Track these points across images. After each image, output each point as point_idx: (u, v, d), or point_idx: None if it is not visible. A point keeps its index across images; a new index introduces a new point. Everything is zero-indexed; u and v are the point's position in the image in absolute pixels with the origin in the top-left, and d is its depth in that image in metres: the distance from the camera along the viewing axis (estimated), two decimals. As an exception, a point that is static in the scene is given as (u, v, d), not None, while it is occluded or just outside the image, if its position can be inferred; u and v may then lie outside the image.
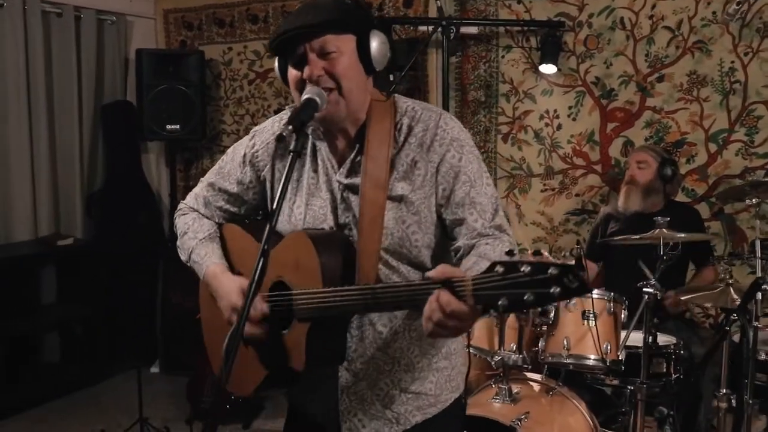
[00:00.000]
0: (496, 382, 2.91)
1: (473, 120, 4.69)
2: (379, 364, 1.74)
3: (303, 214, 1.74)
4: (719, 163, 4.13)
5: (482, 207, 1.67)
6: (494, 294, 1.26)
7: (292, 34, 1.62)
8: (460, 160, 1.68)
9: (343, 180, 1.72)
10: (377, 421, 1.77)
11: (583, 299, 2.89)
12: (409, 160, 1.69)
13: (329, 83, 1.62)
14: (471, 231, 1.65)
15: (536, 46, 4.44)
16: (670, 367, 3.04)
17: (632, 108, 4.30)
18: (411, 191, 1.68)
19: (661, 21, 4.16)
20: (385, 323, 1.73)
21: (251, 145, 1.86)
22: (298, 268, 1.65)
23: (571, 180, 4.51)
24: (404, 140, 1.70)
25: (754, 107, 4.02)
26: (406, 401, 1.77)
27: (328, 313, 1.58)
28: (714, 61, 4.07)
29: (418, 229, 1.69)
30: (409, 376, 1.76)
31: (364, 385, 1.75)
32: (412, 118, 1.72)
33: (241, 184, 1.88)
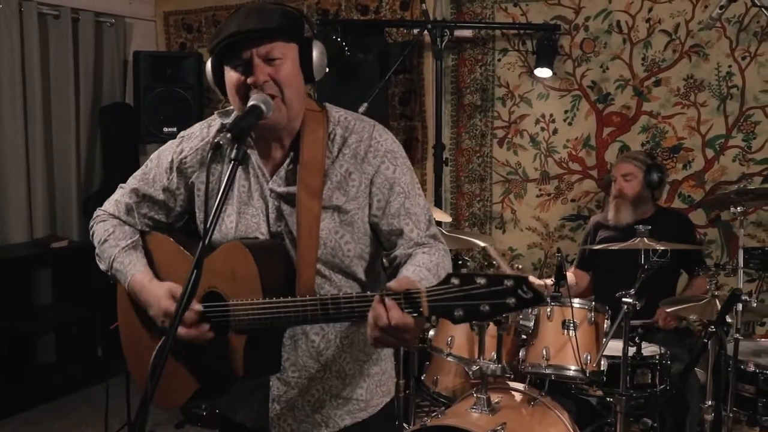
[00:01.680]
0: (477, 392, 2.87)
1: (469, 124, 4.65)
2: (311, 372, 1.74)
3: (234, 223, 1.72)
4: (716, 169, 4.06)
5: (417, 217, 1.70)
6: (450, 305, 1.32)
7: (242, 37, 1.59)
8: (394, 171, 1.70)
9: (277, 188, 1.70)
10: (306, 424, 1.76)
11: (564, 308, 2.84)
12: (344, 170, 1.69)
13: (273, 90, 1.60)
14: (408, 241, 1.68)
15: (532, 50, 4.39)
16: (655, 377, 2.98)
17: (628, 112, 4.24)
18: (345, 201, 1.68)
19: (658, 24, 4.10)
20: (318, 332, 1.72)
21: (179, 151, 1.81)
22: (234, 278, 1.62)
23: (566, 185, 4.45)
24: (338, 151, 1.70)
25: (751, 113, 3.95)
26: (336, 406, 1.77)
27: (272, 324, 1.56)
28: (711, 66, 4.01)
29: (351, 239, 1.69)
30: (340, 382, 1.77)
31: (295, 393, 1.75)
32: (345, 129, 1.72)
33: (167, 191, 1.82)
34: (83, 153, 5.13)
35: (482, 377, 2.81)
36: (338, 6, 4.94)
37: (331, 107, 1.76)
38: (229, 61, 1.64)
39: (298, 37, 1.64)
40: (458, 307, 1.30)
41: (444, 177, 4.52)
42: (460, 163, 4.72)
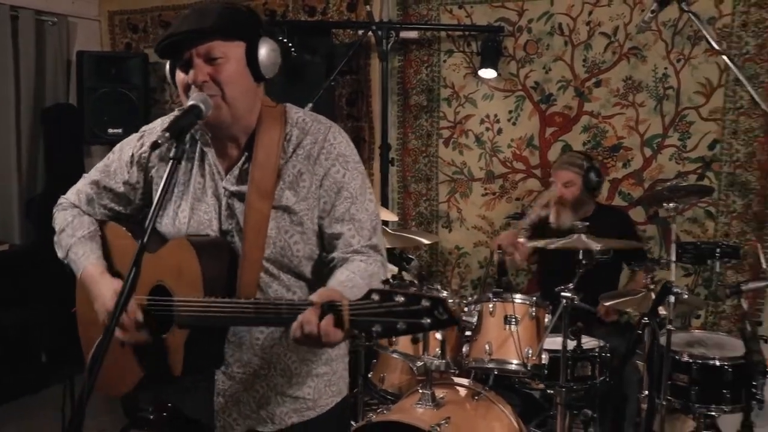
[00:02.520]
0: (422, 388, 2.91)
1: (415, 124, 4.70)
2: (255, 369, 1.75)
3: (187, 218, 1.74)
4: (654, 168, 4.18)
5: (361, 224, 1.71)
6: (369, 321, 1.34)
7: (178, 38, 1.61)
8: (344, 176, 1.71)
9: (230, 187, 1.72)
10: (251, 420, 1.78)
11: (506, 304, 2.90)
12: (296, 171, 1.70)
13: (213, 89, 1.61)
14: (347, 246, 1.69)
15: (477, 51, 4.46)
16: (595, 370, 3.07)
17: (570, 113, 4.34)
18: (296, 202, 1.69)
19: (597, 27, 4.21)
20: (263, 330, 1.73)
21: (139, 145, 1.83)
22: (179, 274, 1.64)
23: (511, 184, 4.54)
24: (293, 151, 1.71)
25: (686, 113, 4.08)
26: (282, 404, 1.78)
27: (207, 323, 1.58)
28: (648, 67, 4.13)
29: (300, 240, 1.70)
30: (286, 380, 1.77)
31: (240, 388, 1.76)
32: (301, 130, 1.73)
33: (127, 184, 1.86)
34: (24, 155, 5.03)
35: (427, 373, 2.85)
36: (285, 7, 4.95)
37: (291, 107, 1.78)
38: (175, 62, 1.66)
39: (244, 36, 1.64)
40: (377, 323, 1.33)
41: (390, 177, 4.56)
42: (407, 163, 4.77)
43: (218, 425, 1.78)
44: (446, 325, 1.32)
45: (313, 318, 1.40)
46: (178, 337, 1.63)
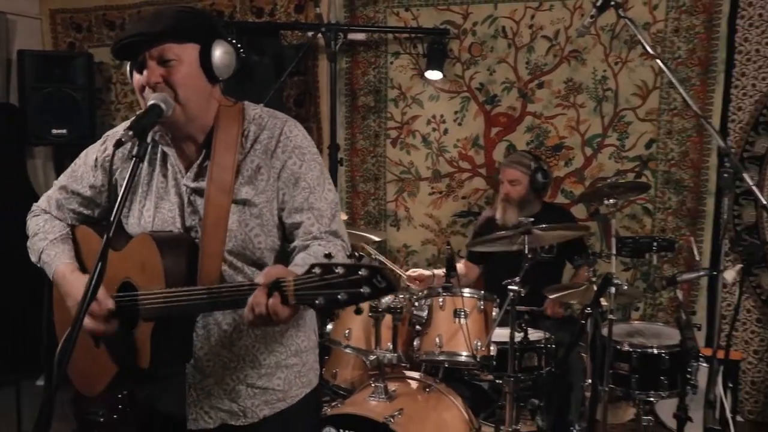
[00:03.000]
0: (375, 381, 2.97)
1: (363, 125, 4.77)
2: (225, 362, 1.79)
3: (152, 217, 1.78)
4: (594, 166, 4.35)
5: (320, 212, 1.75)
6: (312, 294, 1.37)
7: (130, 41, 1.65)
8: (300, 167, 1.76)
9: (190, 184, 1.77)
10: (224, 413, 1.81)
11: (455, 298, 2.99)
12: (254, 165, 1.75)
13: (166, 91, 1.65)
14: (307, 234, 1.73)
15: (423, 53, 4.55)
16: (541, 360, 3.18)
17: (514, 113, 4.47)
18: (255, 195, 1.74)
19: (540, 31, 4.35)
20: (230, 322, 1.77)
21: (102, 149, 1.88)
22: (143, 269, 1.68)
23: (457, 183, 4.64)
24: (250, 146, 1.76)
25: (624, 114, 4.25)
26: (253, 395, 1.81)
27: (171, 313, 1.62)
28: (588, 70, 4.29)
29: (261, 232, 1.75)
30: (256, 372, 1.81)
31: (211, 381, 1.79)
32: (258, 125, 1.78)
33: (93, 187, 1.90)
34: (-37, 156, 4.92)
35: (379, 367, 2.92)
36: (233, 8, 4.96)
37: (248, 105, 1.82)
38: (134, 66, 1.70)
39: (197, 38, 1.68)
40: (319, 296, 1.36)
41: (339, 177, 4.62)
42: (355, 163, 4.83)
43: (191, 419, 1.80)
44: (385, 292, 1.35)
45: (261, 299, 1.45)
46: (145, 330, 1.67)
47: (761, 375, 4.11)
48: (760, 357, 4.10)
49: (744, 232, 4.07)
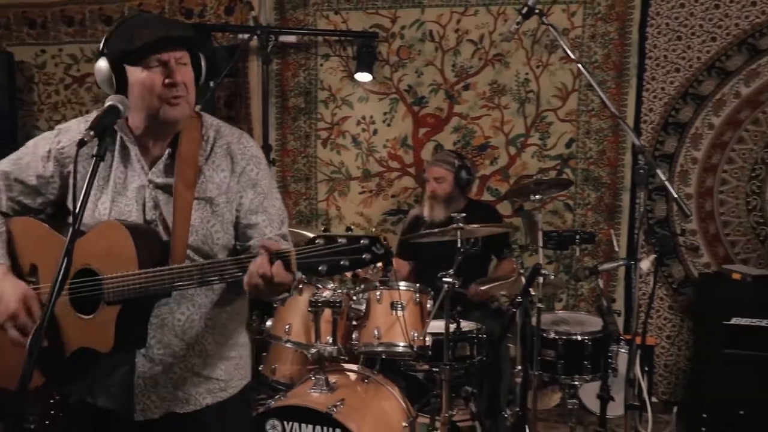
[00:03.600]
0: (315, 374, 3.06)
1: (294, 126, 4.84)
2: (175, 350, 1.86)
3: (108, 210, 1.83)
4: (518, 165, 4.55)
5: (272, 216, 1.92)
6: (316, 261, 1.56)
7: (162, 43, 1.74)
8: (257, 174, 1.92)
9: (156, 179, 1.85)
10: (168, 401, 1.88)
11: (392, 291, 3.11)
12: (216, 167, 1.89)
13: (182, 90, 1.78)
14: (261, 235, 1.88)
15: (353, 55, 4.66)
16: (473, 350, 3.33)
17: (441, 114, 4.63)
18: (217, 194, 1.87)
19: (465, 35, 4.52)
20: (184, 312, 1.85)
21: (57, 141, 1.90)
22: (109, 254, 1.74)
23: (387, 182, 4.77)
24: (211, 150, 1.90)
25: (545, 114, 4.47)
26: (197, 384, 1.91)
27: (149, 293, 1.71)
28: (512, 73, 4.49)
29: (220, 229, 1.87)
30: (202, 361, 1.90)
31: (159, 369, 1.86)
32: (217, 132, 1.92)
33: (41, 177, 1.90)
34: None
35: (320, 360, 3.01)
36: (161, 9, 4.94)
37: (204, 114, 1.96)
38: (142, 63, 1.75)
39: (191, 47, 1.83)
40: (322, 263, 1.55)
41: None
42: (286, 163, 4.90)
43: (138, 409, 1.85)
44: (384, 257, 1.55)
45: (266, 263, 1.59)
46: (109, 313, 1.74)
47: (673, 358, 4.40)
48: (672, 342, 4.39)
49: (656, 225, 4.35)
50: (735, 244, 4.29)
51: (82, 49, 5.12)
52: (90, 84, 5.12)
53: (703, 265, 4.34)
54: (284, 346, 3.29)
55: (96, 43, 5.01)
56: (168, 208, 1.83)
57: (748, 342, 3.78)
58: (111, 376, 1.86)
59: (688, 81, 4.24)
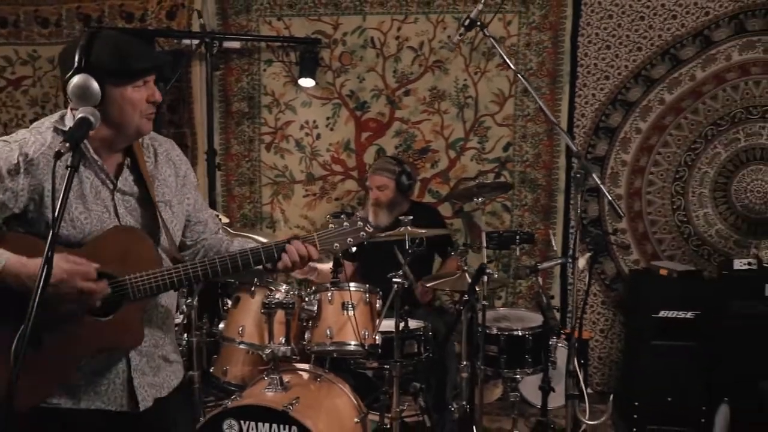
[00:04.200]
0: (268, 374, 3.13)
1: (237, 130, 4.88)
2: (156, 340, 2.02)
3: (88, 218, 1.89)
4: (458, 168, 4.71)
5: (210, 213, 2.22)
6: (332, 241, 2.03)
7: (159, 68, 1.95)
8: (193, 177, 2.16)
9: (123, 188, 1.95)
10: (153, 389, 2.01)
11: (343, 292, 3.20)
12: (164, 173, 2.05)
13: (153, 108, 1.93)
14: (211, 229, 2.17)
15: (296, 61, 4.74)
16: (420, 347, 3.46)
17: (383, 119, 4.76)
18: (172, 197, 2.05)
19: (405, 42, 4.66)
20: (164, 303, 2.02)
21: (24, 154, 1.86)
22: (126, 257, 1.87)
23: (330, 185, 4.86)
24: (155, 157, 2.05)
25: (483, 119, 4.64)
26: (167, 368, 2.06)
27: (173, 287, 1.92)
28: (451, 79, 4.64)
29: (179, 228, 2.08)
30: (170, 347, 2.09)
31: (144, 361, 1.98)
32: (153, 140, 2.08)
33: (9, 191, 1.86)
34: None
35: (274, 359, 3.08)
36: (101, 12, 4.91)
37: None
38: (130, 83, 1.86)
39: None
40: (336, 242, 2.02)
41: (216, 181, 4.71)
42: (230, 167, 4.94)
43: (140, 401, 1.95)
44: (374, 233, 2.06)
45: (301, 246, 1.98)
46: (134, 311, 1.89)
47: (606, 351, 4.64)
48: (605, 335, 4.62)
49: (589, 224, 4.58)
50: (662, 242, 4.56)
51: (17, 51, 5.03)
52: (26, 87, 5.04)
53: (632, 261, 4.59)
54: (236, 348, 3.34)
55: (31, 46, 4.97)
56: (137, 213, 1.96)
57: (674, 333, 4.02)
58: (105, 377, 1.93)
59: (617, 88, 4.48)
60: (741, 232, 4.47)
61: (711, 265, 4.44)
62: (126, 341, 1.91)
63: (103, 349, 1.89)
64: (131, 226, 1.93)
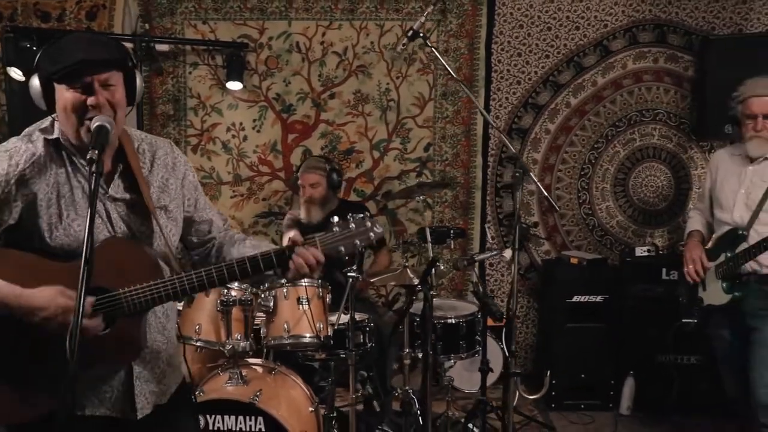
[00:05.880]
0: (225, 369, 3.25)
1: (163, 132, 4.90)
2: (158, 346, 2.02)
3: (81, 226, 1.88)
4: (381, 167, 4.95)
5: (215, 211, 2.22)
6: (336, 245, 1.89)
7: (84, 66, 1.80)
8: (194, 176, 2.16)
9: (116, 195, 1.95)
10: (155, 396, 2.03)
11: (297, 287, 3.36)
12: (161, 177, 2.04)
13: (108, 111, 1.84)
14: (219, 229, 2.18)
15: (222, 64, 4.82)
16: (365, 337, 3.66)
17: (309, 121, 4.92)
18: (169, 202, 2.04)
19: (330, 47, 4.84)
20: (162, 310, 2.02)
21: (14, 164, 1.88)
22: (123, 269, 1.84)
23: (257, 186, 4.98)
24: (151, 161, 2.03)
25: (405, 121, 4.91)
26: (170, 374, 2.09)
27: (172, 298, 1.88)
28: (374, 83, 4.87)
29: (176, 232, 2.08)
30: (173, 352, 2.11)
31: (148, 367, 2.00)
32: (149, 144, 2.06)
33: (2, 202, 1.87)
34: None
35: (234, 355, 3.21)
36: (13, 10, 4.80)
37: (126, 127, 2.02)
38: (66, 83, 1.81)
39: (123, 66, 1.89)
40: (341, 246, 1.87)
41: (143, 183, 4.72)
42: (154, 169, 4.94)
43: (139, 408, 1.97)
44: (381, 235, 1.93)
45: (307, 253, 1.88)
46: (130, 323, 1.86)
47: (522, 335, 5.02)
48: (521, 321, 5.00)
49: (505, 218, 4.94)
50: (570, 233, 4.98)
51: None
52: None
53: (544, 252, 4.99)
54: (188, 346, 3.43)
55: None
56: (129, 219, 1.95)
57: (585, 316, 4.43)
58: (106, 383, 1.95)
59: (528, 92, 4.86)
60: (638, 222, 4.97)
61: (614, 254, 4.91)
62: (124, 354, 1.89)
63: (102, 362, 1.88)
64: (123, 237, 1.91)
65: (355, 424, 3.38)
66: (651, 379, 4.35)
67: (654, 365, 4.35)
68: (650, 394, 4.35)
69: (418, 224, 4.92)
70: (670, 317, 3.62)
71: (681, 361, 4.29)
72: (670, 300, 3.75)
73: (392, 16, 4.78)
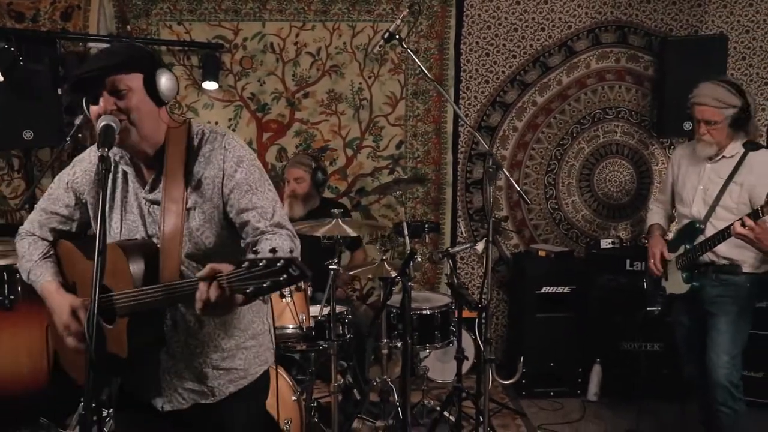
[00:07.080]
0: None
1: (140, 131, 4.95)
2: (191, 348, 2.07)
3: (119, 228, 2.04)
4: (355, 165, 5.07)
5: (263, 209, 2.00)
6: (243, 284, 1.60)
7: (87, 76, 1.90)
8: (241, 174, 2.00)
9: (148, 196, 2.02)
10: (195, 394, 2.09)
11: (280, 280, 3.46)
12: (200, 176, 2.00)
13: (120, 116, 1.90)
14: (255, 230, 1.99)
15: (198, 65, 4.89)
16: (344, 328, 3.79)
17: (284, 120, 5.03)
18: (203, 202, 2.00)
19: (304, 47, 4.95)
20: (193, 313, 2.00)
21: (72, 173, 2.15)
22: (114, 273, 1.92)
23: (234, 184, 5.05)
24: (195, 159, 2.02)
25: (377, 119, 5.04)
26: (218, 376, 2.10)
27: (141, 308, 1.89)
28: (347, 82, 4.99)
29: (211, 234, 2.02)
30: (218, 355, 2.09)
31: (181, 365, 2.07)
32: (201, 140, 2.04)
33: (69, 206, 2.18)
34: None
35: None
36: (-14, 11, 4.82)
37: (194, 122, 2.09)
38: (88, 97, 1.92)
39: (141, 68, 1.94)
40: (249, 285, 1.58)
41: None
42: (130, 168, 4.99)
43: (165, 400, 2.07)
44: (299, 279, 1.56)
45: (204, 289, 1.66)
46: (122, 325, 1.93)
47: (493, 326, 5.19)
48: (492, 312, 5.15)
49: (475, 213, 5.10)
50: (537, 227, 5.17)
51: None
52: None
53: (513, 246, 5.17)
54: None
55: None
56: (163, 222, 1.96)
57: (553, 306, 4.62)
58: (138, 373, 2.06)
59: (496, 91, 5.03)
60: (603, 216, 5.18)
61: (580, 246, 5.11)
62: (118, 350, 1.93)
63: (109, 353, 1.95)
64: (115, 245, 1.95)
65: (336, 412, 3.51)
66: (617, 365, 4.55)
67: (620, 353, 4.55)
68: (617, 380, 4.55)
69: (391, 220, 5.06)
70: (634, 306, 3.81)
71: (645, 348, 4.49)
72: (635, 290, 3.94)
73: (364, 18, 4.91)
